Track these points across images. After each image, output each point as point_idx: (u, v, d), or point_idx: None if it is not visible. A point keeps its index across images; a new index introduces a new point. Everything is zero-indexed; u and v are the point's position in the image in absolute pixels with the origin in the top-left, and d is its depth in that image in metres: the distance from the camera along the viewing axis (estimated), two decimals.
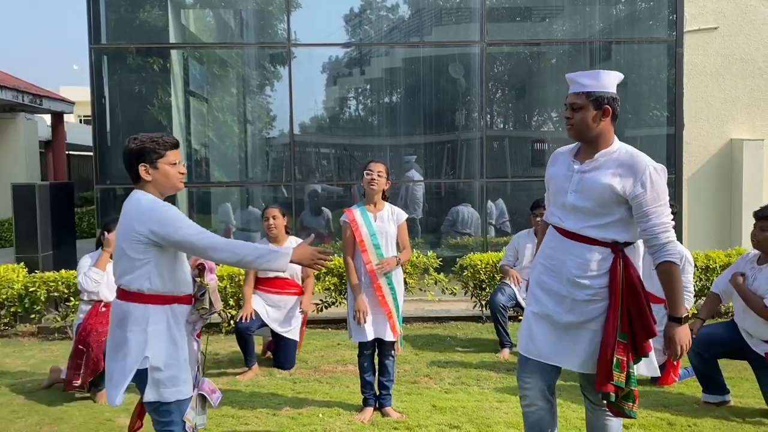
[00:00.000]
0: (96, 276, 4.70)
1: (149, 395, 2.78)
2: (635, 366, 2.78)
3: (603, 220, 2.73)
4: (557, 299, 2.80)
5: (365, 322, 4.14)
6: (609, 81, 2.77)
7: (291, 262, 2.79)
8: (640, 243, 2.87)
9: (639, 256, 2.86)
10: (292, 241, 5.36)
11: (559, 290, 2.79)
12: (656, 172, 2.71)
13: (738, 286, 4.26)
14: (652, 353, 2.84)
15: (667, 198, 2.74)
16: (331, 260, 2.96)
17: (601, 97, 2.73)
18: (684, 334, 2.71)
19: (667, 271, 2.73)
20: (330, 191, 9.53)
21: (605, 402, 2.79)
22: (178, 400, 2.82)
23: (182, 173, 2.88)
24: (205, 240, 2.70)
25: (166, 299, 2.79)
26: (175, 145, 2.87)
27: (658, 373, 3.10)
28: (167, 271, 2.77)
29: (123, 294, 2.79)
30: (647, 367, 2.94)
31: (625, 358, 2.69)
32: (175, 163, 2.85)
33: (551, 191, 2.92)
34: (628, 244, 2.78)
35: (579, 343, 2.77)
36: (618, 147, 2.80)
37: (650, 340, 4.16)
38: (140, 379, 2.78)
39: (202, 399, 3.02)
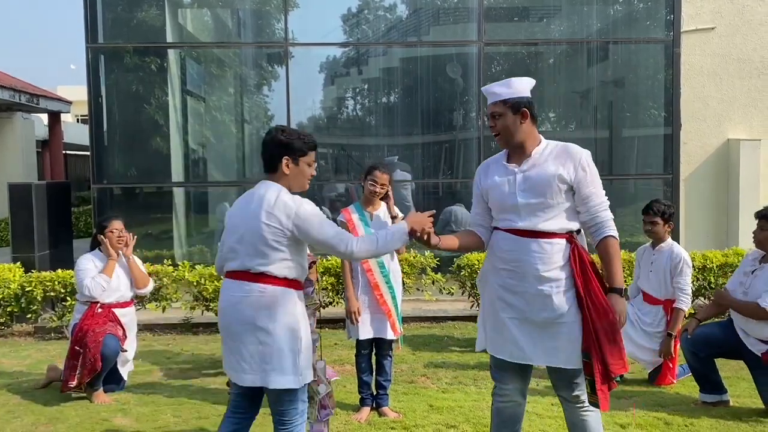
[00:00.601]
0: (104, 283, 4.70)
1: (288, 382, 2.83)
2: None
3: (554, 211, 2.87)
4: (528, 299, 2.88)
5: (358, 322, 4.14)
6: (522, 87, 2.94)
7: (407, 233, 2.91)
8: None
9: (584, 241, 3.02)
10: None
11: (527, 289, 2.87)
12: (589, 156, 2.93)
13: (729, 302, 4.29)
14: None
15: (599, 179, 2.94)
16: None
17: (517, 102, 2.90)
18: (623, 305, 2.86)
19: (609, 245, 2.89)
20: (329, 189, 9.52)
21: (607, 389, 2.84)
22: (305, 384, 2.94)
23: (313, 175, 3.02)
24: (342, 240, 2.85)
25: (298, 285, 2.92)
26: (316, 147, 3.01)
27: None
28: (299, 259, 2.91)
29: (254, 277, 2.84)
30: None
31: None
32: (310, 164, 2.98)
33: (494, 199, 2.99)
34: (578, 232, 2.96)
35: (559, 341, 2.85)
36: (547, 143, 2.98)
37: (636, 335, 4.46)
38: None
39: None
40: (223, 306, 2.95)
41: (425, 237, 2.93)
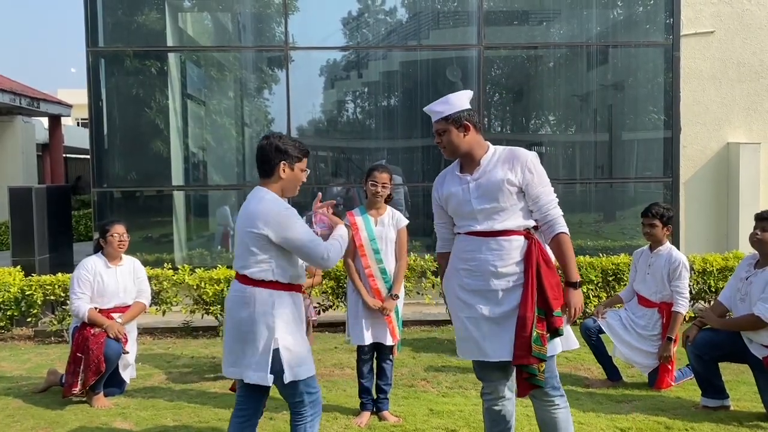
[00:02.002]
0: (84, 318, 4.63)
1: (260, 378, 3.01)
2: (554, 341, 3.01)
3: (509, 212, 3.01)
4: (483, 297, 3.01)
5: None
6: (460, 101, 3.08)
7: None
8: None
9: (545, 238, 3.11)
10: None
11: (482, 287, 3.01)
12: (535, 158, 3.05)
13: (720, 325, 4.31)
14: (567, 327, 3.08)
15: (548, 179, 3.06)
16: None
17: (458, 116, 3.03)
18: (579, 298, 2.99)
19: (562, 241, 3.01)
20: (334, 194, 9.51)
21: (524, 377, 2.94)
22: (308, 377, 3.08)
23: (304, 181, 3.21)
24: (317, 247, 3.04)
25: (286, 287, 3.08)
26: (308, 154, 3.22)
27: (576, 345, 3.23)
28: (283, 263, 3.05)
29: (242, 278, 3.07)
30: (566, 342, 3.12)
31: (544, 332, 2.92)
32: (303, 170, 3.17)
33: (452, 207, 3.13)
34: (536, 228, 3.08)
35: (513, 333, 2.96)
36: (494, 150, 3.11)
37: (631, 339, 4.60)
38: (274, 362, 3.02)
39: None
40: (226, 304, 3.21)
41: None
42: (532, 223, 3.05)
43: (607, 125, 9.49)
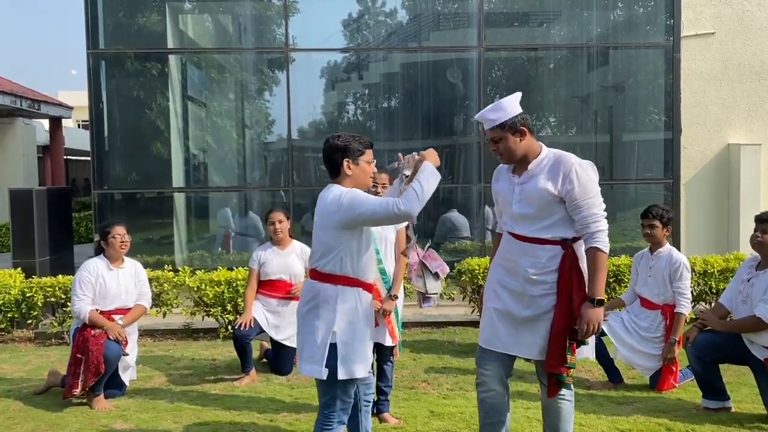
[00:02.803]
0: (85, 319, 4.63)
1: (314, 371, 3.03)
2: (580, 349, 3.14)
3: (547, 221, 3.03)
4: (515, 297, 3.09)
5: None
6: (512, 106, 3.08)
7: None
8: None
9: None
10: (296, 245, 5.37)
11: (516, 288, 3.09)
12: (582, 168, 3.00)
13: (721, 326, 4.30)
14: (591, 339, 3.15)
15: (597, 189, 3.01)
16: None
17: (513, 122, 3.05)
18: (595, 316, 2.94)
19: (594, 257, 2.97)
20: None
21: (554, 382, 3.07)
22: (353, 378, 3.07)
23: (375, 171, 3.23)
24: (388, 206, 2.95)
25: (352, 281, 3.07)
26: (372, 145, 3.20)
27: (593, 356, 3.39)
28: (353, 254, 3.05)
29: (316, 274, 3.10)
30: (590, 348, 3.25)
31: (574, 342, 3.02)
32: (369, 162, 3.17)
33: (500, 204, 3.26)
34: (576, 239, 3.05)
35: (537, 334, 3.05)
36: (546, 153, 3.11)
37: (632, 341, 4.67)
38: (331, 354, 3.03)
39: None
40: None
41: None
42: (572, 234, 3.04)
43: (608, 126, 9.49)
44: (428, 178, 3.01)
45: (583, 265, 3.02)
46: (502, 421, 3.23)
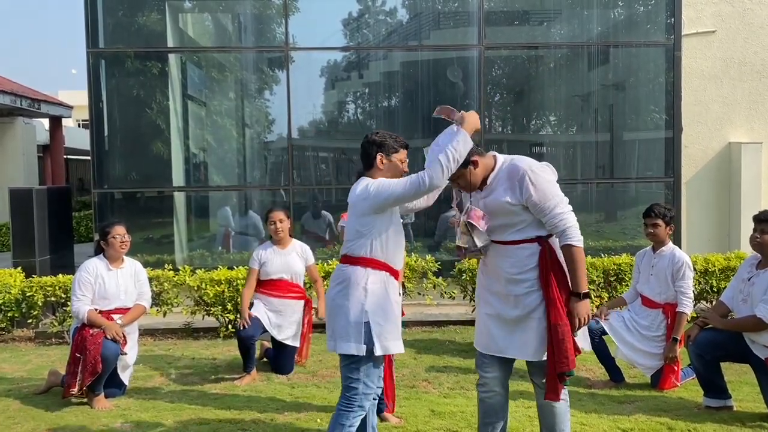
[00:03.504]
0: (84, 319, 4.62)
1: (349, 348, 3.15)
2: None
3: (518, 227, 3.12)
4: (502, 299, 3.19)
5: None
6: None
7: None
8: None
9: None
10: (296, 245, 5.36)
11: (500, 290, 3.18)
12: (533, 173, 3.04)
13: (722, 325, 4.30)
14: (584, 328, 3.18)
15: (555, 189, 3.05)
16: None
17: (465, 160, 3.06)
18: (583, 309, 3.04)
19: (570, 253, 3.05)
20: (329, 195, 9.51)
21: (555, 384, 3.09)
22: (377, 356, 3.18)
23: (406, 171, 3.33)
24: (415, 183, 3.04)
25: (377, 264, 3.20)
26: (407, 146, 3.38)
27: (589, 347, 3.42)
28: (385, 240, 3.20)
29: (346, 258, 3.24)
30: (583, 339, 3.25)
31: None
32: (402, 161, 3.33)
33: None
34: (550, 235, 3.12)
35: (528, 333, 3.12)
36: (500, 164, 3.17)
37: (633, 340, 4.76)
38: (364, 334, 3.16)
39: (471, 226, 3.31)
40: None
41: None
42: (545, 232, 3.11)
43: (608, 125, 9.47)
44: (456, 146, 2.98)
45: (561, 258, 3.10)
46: (500, 420, 3.31)
